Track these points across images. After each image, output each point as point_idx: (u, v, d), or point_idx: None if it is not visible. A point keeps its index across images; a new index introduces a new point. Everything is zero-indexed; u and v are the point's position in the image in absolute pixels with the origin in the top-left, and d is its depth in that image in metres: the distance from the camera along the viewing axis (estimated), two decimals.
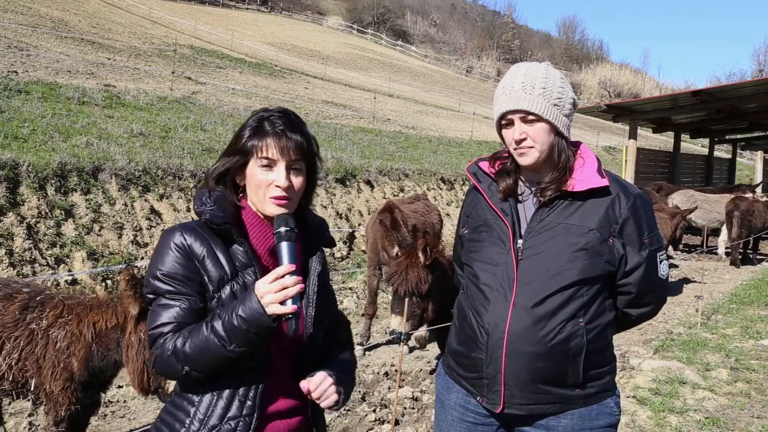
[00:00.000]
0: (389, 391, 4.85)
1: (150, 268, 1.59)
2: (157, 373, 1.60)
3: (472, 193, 2.04)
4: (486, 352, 1.82)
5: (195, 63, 22.73)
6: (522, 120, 1.80)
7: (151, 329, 1.55)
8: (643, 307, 1.92)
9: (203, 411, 1.56)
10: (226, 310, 1.50)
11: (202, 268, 1.56)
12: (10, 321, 2.91)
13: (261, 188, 1.60)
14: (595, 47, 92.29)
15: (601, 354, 1.86)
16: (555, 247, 1.79)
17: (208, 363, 1.50)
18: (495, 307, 1.82)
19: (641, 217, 1.85)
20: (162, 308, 1.55)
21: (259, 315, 1.45)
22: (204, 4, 50.19)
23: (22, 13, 22.19)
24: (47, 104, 9.92)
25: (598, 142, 28.72)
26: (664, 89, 69.03)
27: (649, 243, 1.85)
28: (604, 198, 1.83)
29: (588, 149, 1.95)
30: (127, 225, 7.10)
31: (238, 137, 1.63)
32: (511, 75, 1.85)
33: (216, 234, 1.59)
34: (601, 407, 1.86)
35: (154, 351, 1.54)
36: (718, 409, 4.53)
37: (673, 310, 7.91)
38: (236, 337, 1.46)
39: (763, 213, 11.66)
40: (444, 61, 61.71)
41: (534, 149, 1.81)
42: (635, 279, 1.85)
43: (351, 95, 24.93)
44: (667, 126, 18.77)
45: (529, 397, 1.81)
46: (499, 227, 1.88)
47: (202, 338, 1.49)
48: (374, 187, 11.11)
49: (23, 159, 6.73)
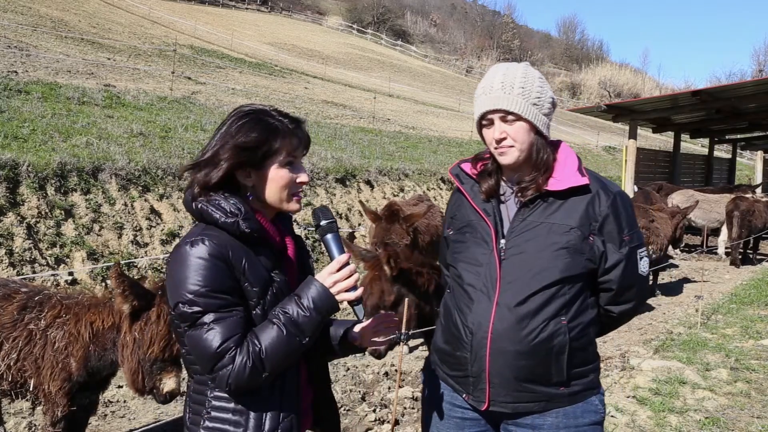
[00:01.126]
0: (389, 391, 4.85)
1: (185, 284, 1.47)
2: (235, 391, 1.48)
3: (456, 195, 2.07)
4: (470, 351, 1.85)
5: (195, 63, 22.73)
6: (502, 119, 1.82)
7: (216, 348, 1.44)
8: (624, 304, 1.94)
9: (255, 419, 1.54)
10: (289, 306, 1.50)
11: (243, 276, 1.52)
12: (9, 321, 2.91)
13: (288, 187, 1.60)
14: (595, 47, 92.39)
15: (584, 352, 1.88)
16: (537, 247, 1.82)
17: (287, 362, 1.51)
18: (479, 307, 1.84)
19: (621, 214, 1.86)
20: (217, 323, 1.46)
21: (332, 302, 1.51)
22: (204, 4, 50.20)
23: (22, 13, 22.19)
24: (47, 104, 9.92)
25: (598, 142, 28.71)
26: (664, 89, 69.04)
27: (629, 240, 1.87)
28: (585, 196, 1.85)
29: (568, 148, 1.96)
30: (127, 225, 7.09)
31: (248, 136, 1.56)
32: (490, 75, 1.88)
33: (242, 240, 1.55)
34: (586, 405, 1.88)
35: (220, 369, 1.45)
36: (718, 409, 4.53)
37: (673, 310, 7.91)
38: (310, 328, 1.49)
39: (763, 213, 11.65)
40: (444, 61, 61.72)
41: (514, 148, 1.83)
42: (616, 276, 1.87)
43: (351, 95, 24.92)
44: (667, 126, 18.77)
45: (513, 395, 1.83)
46: (482, 228, 1.90)
47: (279, 338, 1.47)
48: (374, 187, 11.11)
49: (23, 159, 6.73)
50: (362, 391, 4.85)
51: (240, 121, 1.60)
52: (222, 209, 1.54)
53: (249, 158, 1.57)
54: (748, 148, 31.30)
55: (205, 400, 1.57)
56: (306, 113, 17.19)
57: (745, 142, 25.27)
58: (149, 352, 2.62)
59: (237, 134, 1.58)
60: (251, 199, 1.62)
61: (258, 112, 1.62)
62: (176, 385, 2.69)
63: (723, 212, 11.84)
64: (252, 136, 1.56)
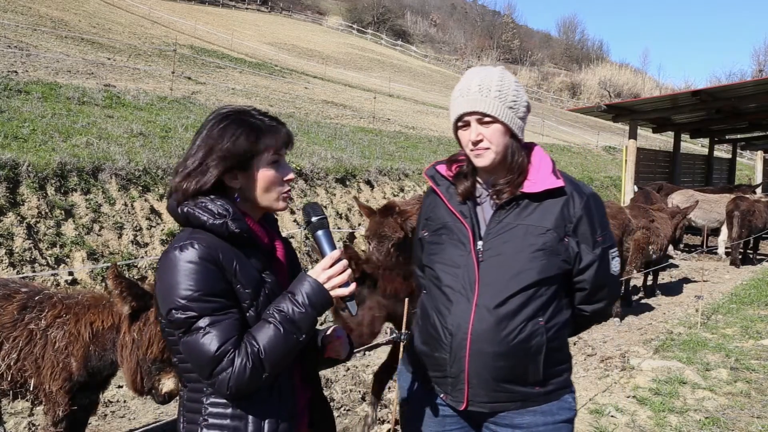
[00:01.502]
0: (389, 391, 4.85)
1: (177, 290, 1.45)
2: (235, 394, 1.46)
3: (431, 197, 2.08)
4: (449, 352, 1.87)
5: (195, 63, 22.73)
6: (479, 122, 1.85)
7: (215, 352, 1.43)
8: (597, 303, 1.98)
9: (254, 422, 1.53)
10: (283, 304, 1.49)
11: (235, 278, 1.51)
12: (9, 321, 2.91)
13: (276, 186, 1.60)
14: (595, 47, 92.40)
15: (559, 352, 1.92)
16: (514, 248, 1.84)
17: (286, 360, 1.50)
18: (457, 309, 1.86)
19: (594, 216, 1.91)
20: (213, 327, 1.44)
21: (326, 298, 1.50)
22: (204, 4, 50.20)
23: (22, 13, 22.19)
24: (47, 104, 9.92)
25: (598, 142, 28.70)
26: (664, 89, 69.05)
27: (601, 241, 1.91)
28: (559, 198, 1.88)
29: (542, 151, 1.99)
30: (127, 225, 7.09)
31: (230, 140, 1.54)
32: (467, 78, 1.91)
33: (231, 242, 1.54)
34: (561, 403, 1.93)
35: (219, 373, 1.44)
36: (718, 409, 4.53)
37: (673, 310, 7.91)
38: (307, 325, 1.49)
39: (763, 213, 11.66)
40: (444, 61, 61.73)
41: (490, 150, 1.86)
42: (589, 276, 1.91)
43: (351, 95, 24.92)
44: (667, 126, 18.77)
45: (491, 395, 1.86)
46: (458, 230, 1.92)
47: (277, 336, 1.46)
48: (374, 187, 11.11)
49: (23, 159, 6.73)
50: (362, 391, 4.85)
51: (221, 123, 1.57)
52: (209, 211, 1.52)
53: (236, 161, 1.56)
54: (748, 148, 31.29)
55: (201, 407, 1.54)
56: (306, 113, 17.19)
57: (745, 142, 25.27)
58: (148, 352, 2.62)
59: (220, 138, 1.55)
60: (238, 201, 1.61)
61: (238, 112, 1.61)
62: (175, 385, 2.68)
63: (723, 212, 11.85)
64: (236, 138, 1.54)
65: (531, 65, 72.13)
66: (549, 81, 68.14)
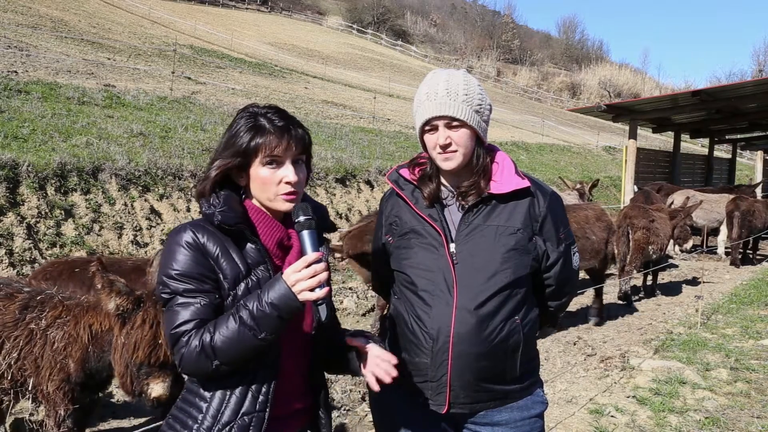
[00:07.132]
0: None
1: (163, 268, 1.56)
2: (184, 372, 1.55)
3: (392, 200, 2.06)
4: (431, 356, 1.86)
5: (195, 63, 22.74)
6: (447, 126, 1.86)
7: (173, 329, 1.52)
8: (561, 299, 2.05)
9: (216, 407, 1.56)
10: (251, 300, 1.50)
11: (217, 266, 1.56)
12: (10, 320, 2.92)
13: (270, 186, 1.60)
14: (595, 47, 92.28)
15: (532, 349, 1.99)
16: (487, 250, 1.86)
17: (239, 354, 1.50)
18: (437, 312, 1.85)
19: (557, 214, 1.96)
20: (181, 307, 1.53)
21: (291, 301, 1.48)
22: (204, 4, 50.20)
23: (22, 13, 22.19)
24: (47, 104, 9.92)
25: (598, 142, 28.69)
26: (664, 89, 69.04)
27: (564, 238, 1.97)
28: (525, 198, 1.92)
29: (503, 153, 2.01)
30: (127, 225, 7.10)
31: (235, 137, 1.60)
32: (432, 82, 1.91)
33: (225, 233, 1.59)
34: (534, 397, 1.99)
35: (177, 350, 1.52)
36: (718, 409, 4.53)
37: (673, 310, 7.91)
38: (267, 325, 1.48)
39: (763, 213, 11.66)
40: (444, 61, 61.70)
41: (458, 153, 1.87)
42: (555, 272, 1.96)
43: (351, 95, 24.93)
44: (667, 126, 18.78)
45: (472, 396, 1.88)
46: (428, 233, 1.91)
47: (232, 329, 1.48)
48: (374, 187, 11.12)
49: (23, 159, 6.74)
50: (362, 391, 4.85)
51: (233, 121, 1.65)
52: (207, 202, 1.60)
53: (235, 159, 1.60)
54: (748, 148, 31.29)
55: (186, 385, 1.65)
56: (306, 113, 17.20)
57: (745, 142, 25.27)
58: (134, 357, 2.57)
59: (224, 135, 1.64)
60: (244, 196, 1.66)
61: (250, 110, 1.64)
62: (164, 390, 2.61)
63: (723, 212, 11.85)
64: (234, 137, 1.61)
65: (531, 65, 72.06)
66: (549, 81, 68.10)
